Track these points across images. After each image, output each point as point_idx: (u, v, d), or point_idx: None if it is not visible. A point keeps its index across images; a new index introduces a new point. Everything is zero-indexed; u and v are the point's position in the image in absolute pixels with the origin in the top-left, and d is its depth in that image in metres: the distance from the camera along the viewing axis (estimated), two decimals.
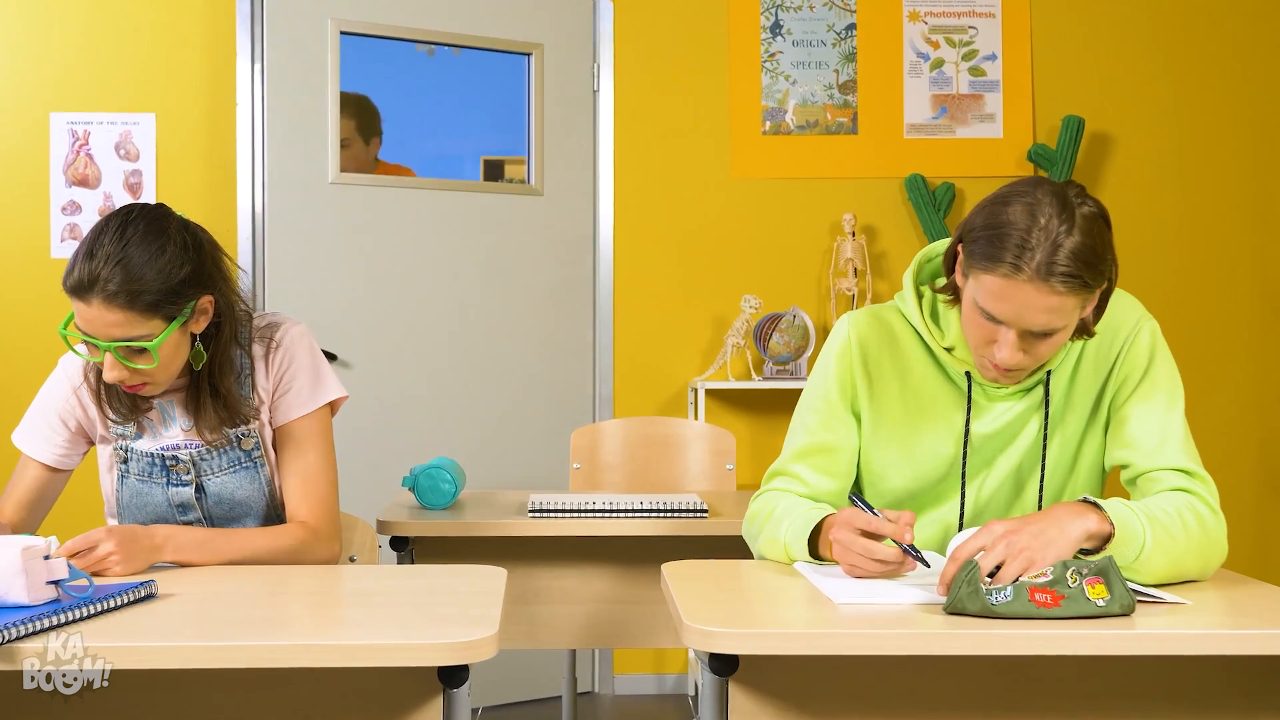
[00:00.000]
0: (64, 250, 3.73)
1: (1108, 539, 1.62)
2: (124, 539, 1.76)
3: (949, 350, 1.86)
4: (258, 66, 3.71)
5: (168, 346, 1.84)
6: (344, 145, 3.71)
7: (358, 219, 3.79)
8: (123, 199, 3.72)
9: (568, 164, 3.86)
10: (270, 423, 2.01)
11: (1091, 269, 1.64)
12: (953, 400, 1.88)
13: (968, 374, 1.85)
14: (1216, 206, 3.96)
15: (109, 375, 1.83)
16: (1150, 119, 3.94)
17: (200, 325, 1.90)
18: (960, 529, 1.88)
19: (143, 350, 1.82)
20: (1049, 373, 1.84)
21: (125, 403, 1.95)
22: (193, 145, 3.74)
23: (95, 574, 1.72)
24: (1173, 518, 1.69)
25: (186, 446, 1.97)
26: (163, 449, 1.96)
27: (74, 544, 1.72)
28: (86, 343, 1.83)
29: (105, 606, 1.49)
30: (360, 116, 3.82)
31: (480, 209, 3.84)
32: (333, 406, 2.07)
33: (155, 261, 1.81)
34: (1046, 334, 1.69)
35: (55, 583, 1.49)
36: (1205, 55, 3.95)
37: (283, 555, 1.93)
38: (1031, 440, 1.87)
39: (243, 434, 1.97)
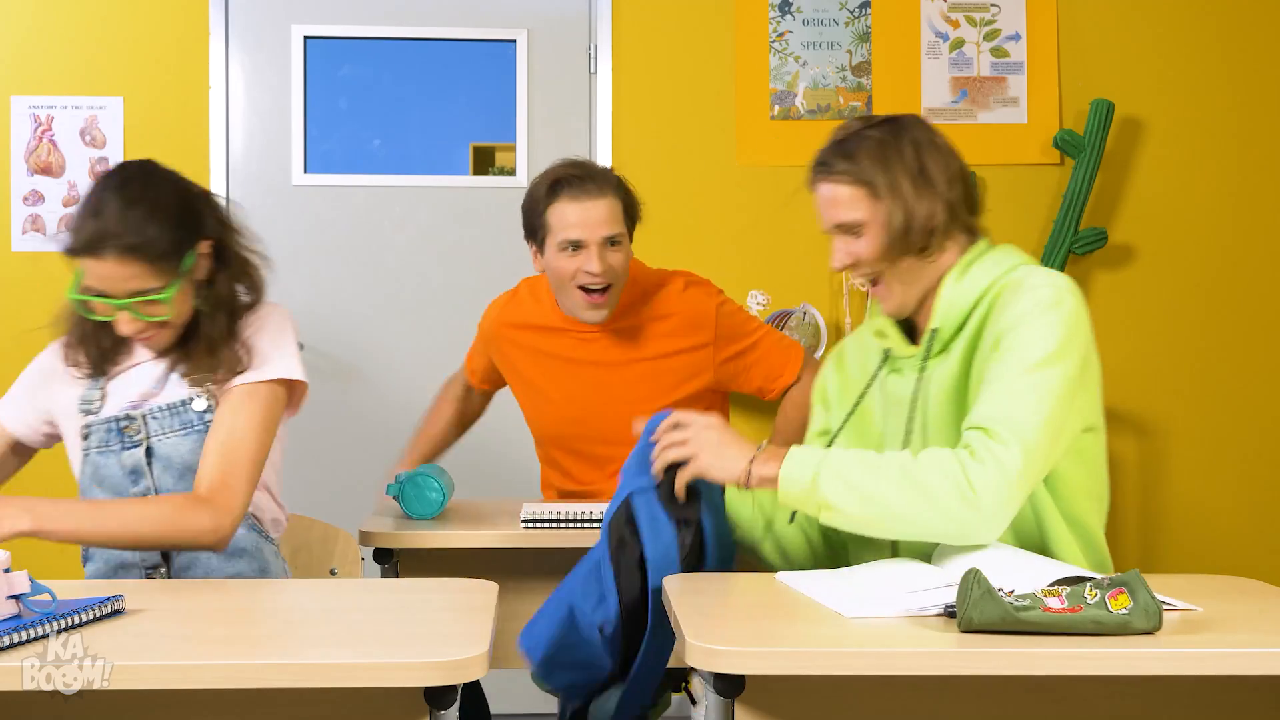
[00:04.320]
0: (26, 244, 3.73)
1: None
2: None
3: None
4: (231, 49, 3.72)
5: (179, 294, 1.97)
6: None
7: (333, 217, 3.80)
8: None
9: (562, 151, 3.86)
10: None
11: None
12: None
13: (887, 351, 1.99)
14: (1259, 197, 3.95)
15: (126, 329, 1.96)
16: (1185, 103, 3.94)
17: (203, 270, 2.01)
18: None
19: (157, 302, 1.95)
20: (933, 335, 1.90)
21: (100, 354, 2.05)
22: (164, 130, 3.73)
23: None
24: (878, 466, 1.74)
25: (141, 404, 2.02)
26: (119, 412, 2.02)
27: None
28: (98, 302, 1.95)
29: (69, 623, 1.49)
30: None
31: (466, 202, 3.84)
32: (292, 397, 2.08)
33: (158, 213, 1.94)
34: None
35: (15, 598, 1.49)
36: (1245, 34, 3.95)
37: (154, 523, 1.88)
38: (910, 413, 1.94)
39: (195, 394, 2.01)
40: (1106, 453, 1.92)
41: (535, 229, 2.69)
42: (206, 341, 2.01)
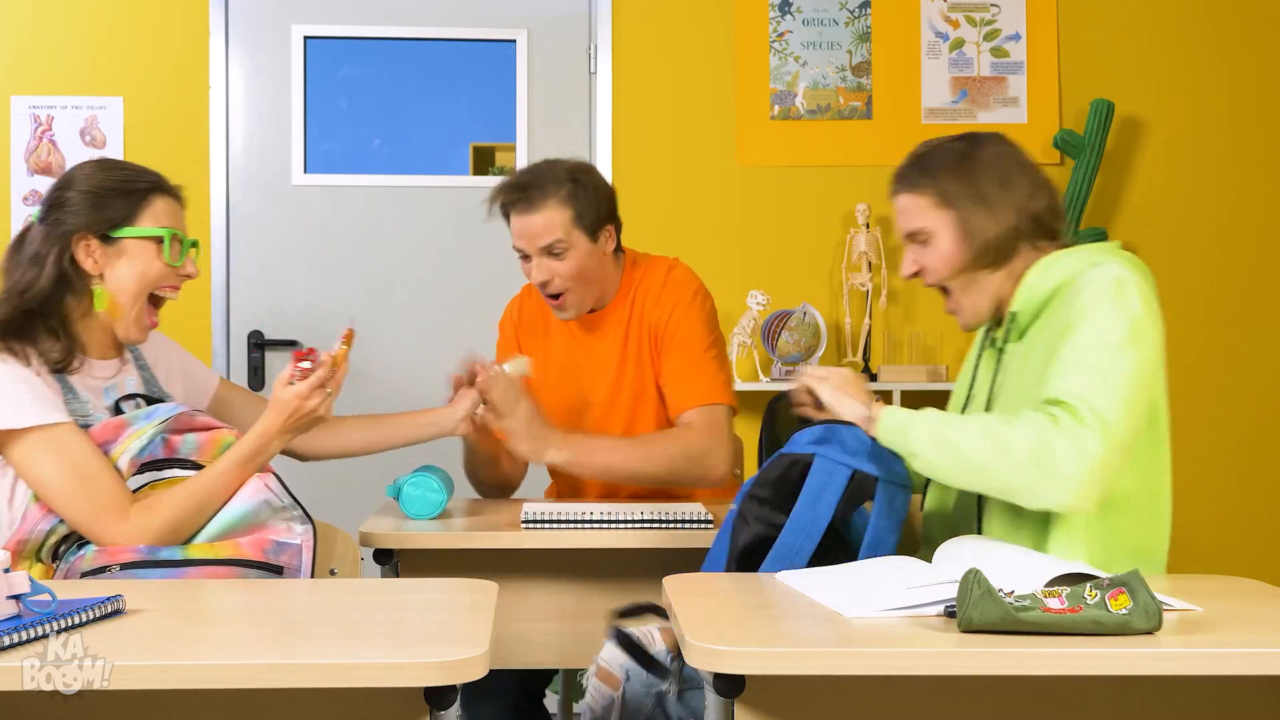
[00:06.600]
0: None
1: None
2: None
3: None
4: (231, 49, 3.72)
5: None
6: None
7: (333, 217, 3.80)
8: None
9: (562, 151, 3.85)
10: None
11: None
12: None
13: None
14: (1259, 197, 3.95)
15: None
16: (1185, 103, 3.94)
17: None
18: None
19: None
20: (1011, 319, 1.94)
21: None
22: (164, 130, 3.74)
23: None
24: (963, 420, 1.84)
25: None
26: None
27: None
28: None
29: (69, 623, 1.49)
30: None
31: (466, 202, 3.84)
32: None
33: None
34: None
35: (15, 598, 1.49)
36: (1245, 34, 3.95)
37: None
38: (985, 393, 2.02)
39: None
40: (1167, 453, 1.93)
41: None
42: None
